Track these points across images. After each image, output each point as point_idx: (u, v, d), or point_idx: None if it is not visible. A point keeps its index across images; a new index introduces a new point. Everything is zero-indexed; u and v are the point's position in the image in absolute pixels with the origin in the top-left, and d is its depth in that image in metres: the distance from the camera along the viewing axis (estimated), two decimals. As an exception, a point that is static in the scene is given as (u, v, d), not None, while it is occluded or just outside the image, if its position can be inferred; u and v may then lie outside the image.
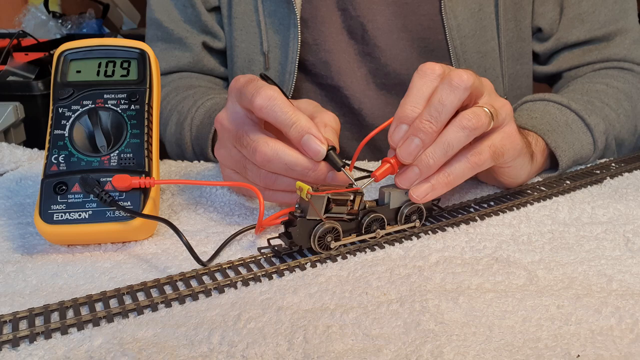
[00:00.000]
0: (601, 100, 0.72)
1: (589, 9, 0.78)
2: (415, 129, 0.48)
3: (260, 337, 0.37)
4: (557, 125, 0.64)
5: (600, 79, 0.76)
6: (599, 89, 0.74)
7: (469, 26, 0.76)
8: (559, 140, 0.63)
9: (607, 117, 0.70)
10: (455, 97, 0.48)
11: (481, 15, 0.76)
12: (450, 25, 0.75)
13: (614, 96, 0.73)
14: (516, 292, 0.42)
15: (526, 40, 0.80)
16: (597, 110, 0.69)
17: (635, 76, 0.79)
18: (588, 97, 0.71)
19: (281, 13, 0.76)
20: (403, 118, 0.49)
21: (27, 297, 0.42)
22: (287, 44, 0.76)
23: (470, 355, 0.35)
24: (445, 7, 0.74)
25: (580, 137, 0.65)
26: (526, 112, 0.66)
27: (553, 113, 0.66)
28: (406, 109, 0.49)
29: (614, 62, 0.80)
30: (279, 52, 0.78)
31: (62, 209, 0.48)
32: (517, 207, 0.56)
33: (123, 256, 0.48)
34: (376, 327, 0.38)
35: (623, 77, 0.78)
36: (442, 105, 0.48)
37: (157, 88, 0.55)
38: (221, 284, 0.43)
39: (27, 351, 0.36)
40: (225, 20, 0.80)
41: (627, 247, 0.49)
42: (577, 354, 0.35)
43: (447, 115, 0.48)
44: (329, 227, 0.46)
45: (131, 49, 0.55)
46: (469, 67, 0.77)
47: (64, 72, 0.54)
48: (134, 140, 0.51)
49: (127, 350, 0.35)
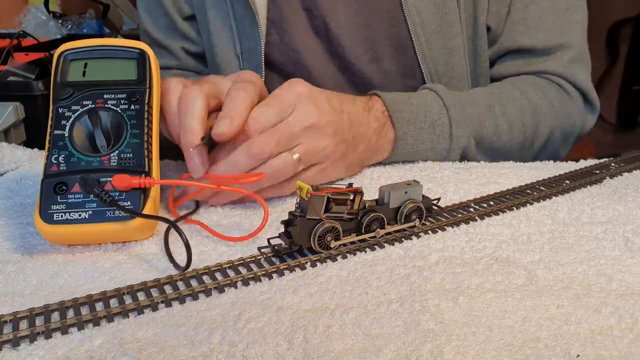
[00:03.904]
0: (502, 108, 0.73)
1: (535, 14, 0.78)
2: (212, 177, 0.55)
3: (260, 336, 0.37)
4: (423, 120, 0.67)
5: (522, 85, 0.77)
6: (512, 95, 0.75)
7: (434, 22, 0.75)
8: (408, 134, 0.67)
9: (496, 127, 0.72)
10: (250, 163, 0.54)
11: (446, 10, 0.75)
12: (414, 21, 0.74)
13: (520, 108, 0.74)
14: (516, 292, 0.42)
15: (482, 38, 0.79)
16: (483, 119, 0.71)
17: (565, 95, 0.79)
18: (493, 101, 0.73)
19: (249, 17, 0.78)
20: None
21: (28, 297, 0.42)
22: (255, 46, 0.79)
23: (470, 355, 0.35)
24: (406, 3, 0.74)
25: (438, 140, 0.68)
26: (410, 97, 0.69)
27: (431, 106, 0.69)
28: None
29: (551, 76, 0.80)
30: (250, 54, 0.80)
31: (62, 209, 0.48)
32: (517, 207, 0.56)
33: (123, 256, 0.48)
34: (376, 327, 0.38)
35: (549, 92, 0.78)
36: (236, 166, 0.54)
37: (157, 88, 0.55)
38: (221, 284, 0.43)
39: (27, 351, 0.36)
40: (202, 26, 0.84)
41: (627, 247, 0.49)
42: (577, 353, 0.35)
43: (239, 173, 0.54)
44: (328, 226, 0.46)
45: (131, 49, 0.55)
46: (435, 64, 0.76)
47: (64, 72, 0.54)
48: (134, 140, 0.51)
49: (127, 350, 0.35)
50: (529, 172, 0.66)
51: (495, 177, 0.64)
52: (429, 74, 0.77)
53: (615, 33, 2.29)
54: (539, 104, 0.76)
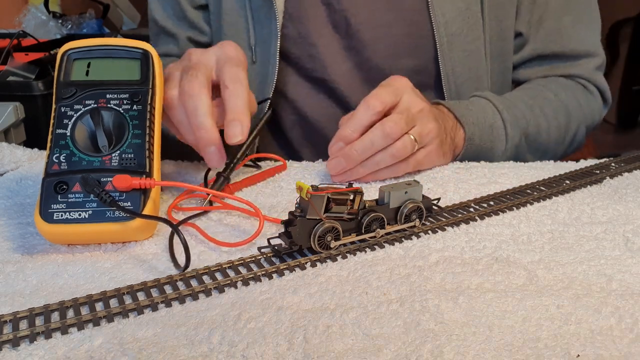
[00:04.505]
0: (541, 110, 0.79)
1: (569, 24, 0.82)
2: (346, 153, 0.61)
3: (260, 336, 0.37)
4: (484, 124, 0.73)
5: (553, 87, 0.82)
6: (547, 96, 0.80)
7: (457, 24, 0.77)
8: (475, 134, 0.72)
9: (537, 126, 0.78)
10: (384, 142, 0.60)
11: (468, 14, 0.77)
12: (438, 22, 0.76)
13: (554, 108, 0.80)
14: (516, 292, 0.42)
15: (507, 39, 0.82)
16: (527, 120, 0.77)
17: (589, 96, 0.85)
18: (532, 102, 0.79)
19: (266, 7, 0.78)
20: (341, 137, 0.62)
21: (28, 297, 0.42)
22: (270, 37, 0.79)
23: (470, 355, 0.35)
24: (432, 3, 0.75)
25: (495, 141, 0.74)
26: (467, 104, 0.74)
27: (488, 112, 0.74)
28: (346, 131, 0.61)
29: (577, 79, 0.85)
30: (264, 46, 0.80)
31: (62, 209, 0.48)
32: (517, 207, 0.56)
33: (123, 256, 0.48)
34: (376, 327, 0.38)
35: (577, 92, 0.84)
36: (372, 145, 0.60)
37: (159, 88, 0.55)
38: (221, 284, 0.43)
39: (27, 351, 0.36)
40: (214, 17, 0.84)
41: (627, 247, 0.49)
42: (577, 353, 0.35)
43: (374, 152, 0.61)
44: (328, 226, 0.46)
45: (134, 49, 0.55)
46: (453, 65, 0.78)
47: (67, 71, 0.54)
48: (136, 140, 0.51)
49: (127, 350, 0.35)
50: (529, 172, 0.66)
51: (495, 177, 0.64)
52: (445, 74, 0.78)
53: (615, 33, 2.29)
54: (569, 103, 0.82)
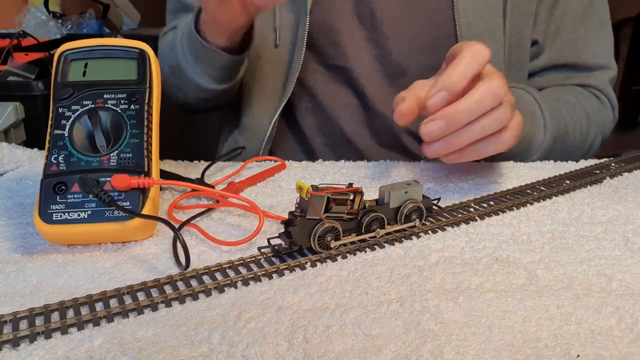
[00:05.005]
0: (567, 111, 0.78)
1: (584, 35, 0.83)
2: (449, 115, 0.54)
3: (260, 337, 0.37)
4: (526, 111, 0.70)
5: (573, 93, 0.82)
6: (569, 100, 0.80)
7: (479, 25, 0.77)
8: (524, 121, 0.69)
9: (566, 125, 0.77)
10: (491, 103, 0.54)
11: (491, 16, 0.77)
12: (461, 22, 0.76)
13: (577, 112, 0.80)
14: (516, 292, 0.42)
15: (524, 48, 0.82)
16: (559, 117, 0.76)
17: (602, 106, 0.85)
18: (558, 104, 0.78)
19: None
20: (446, 85, 0.54)
21: (27, 297, 0.42)
22: (297, 23, 0.79)
23: (470, 355, 0.35)
24: (457, 4, 0.76)
25: (535, 130, 0.72)
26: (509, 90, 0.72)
27: (527, 100, 0.73)
28: (453, 78, 0.54)
29: (591, 89, 0.85)
30: (290, 31, 0.80)
31: (62, 209, 0.48)
32: (517, 206, 0.56)
33: (123, 256, 0.48)
34: (376, 327, 0.38)
35: (592, 101, 0.84)
36: (480, 105, 0.54)
37: (157, 88, 0.55)
38: (221, 284, 0.43)
39: (27, 351, 0.36)
40: None
41: (627, 247, 0.49)
42: (577, 353, 0.35)
43: (480, 114, 0.54)
44: (328, 226, 0.46)
45: (131, 49, 0.55)
46: None
47: (64, 72, 0.54)
48: (134, 140, 0.51)
49: (127, 350, 0.35)
50: (529, 172, 0.66)
51: (495, 177, 0.64)
52: None
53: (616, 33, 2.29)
54: (589, 111, 0.82)
